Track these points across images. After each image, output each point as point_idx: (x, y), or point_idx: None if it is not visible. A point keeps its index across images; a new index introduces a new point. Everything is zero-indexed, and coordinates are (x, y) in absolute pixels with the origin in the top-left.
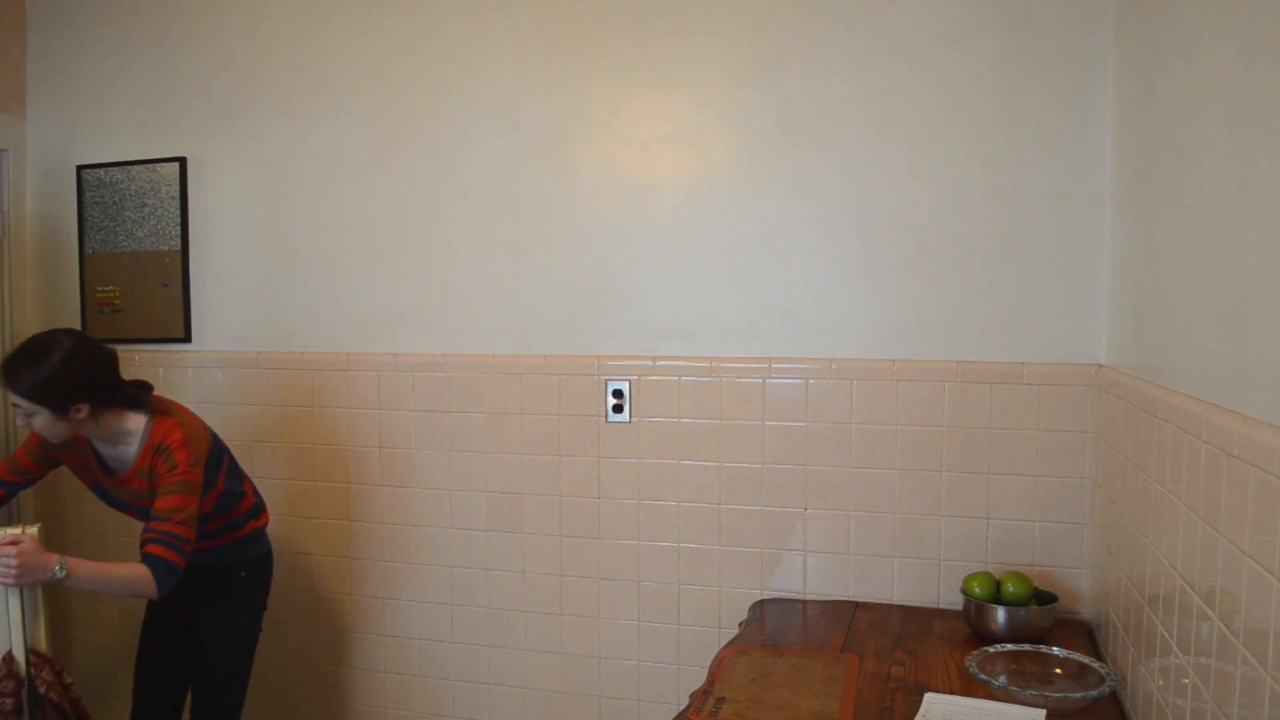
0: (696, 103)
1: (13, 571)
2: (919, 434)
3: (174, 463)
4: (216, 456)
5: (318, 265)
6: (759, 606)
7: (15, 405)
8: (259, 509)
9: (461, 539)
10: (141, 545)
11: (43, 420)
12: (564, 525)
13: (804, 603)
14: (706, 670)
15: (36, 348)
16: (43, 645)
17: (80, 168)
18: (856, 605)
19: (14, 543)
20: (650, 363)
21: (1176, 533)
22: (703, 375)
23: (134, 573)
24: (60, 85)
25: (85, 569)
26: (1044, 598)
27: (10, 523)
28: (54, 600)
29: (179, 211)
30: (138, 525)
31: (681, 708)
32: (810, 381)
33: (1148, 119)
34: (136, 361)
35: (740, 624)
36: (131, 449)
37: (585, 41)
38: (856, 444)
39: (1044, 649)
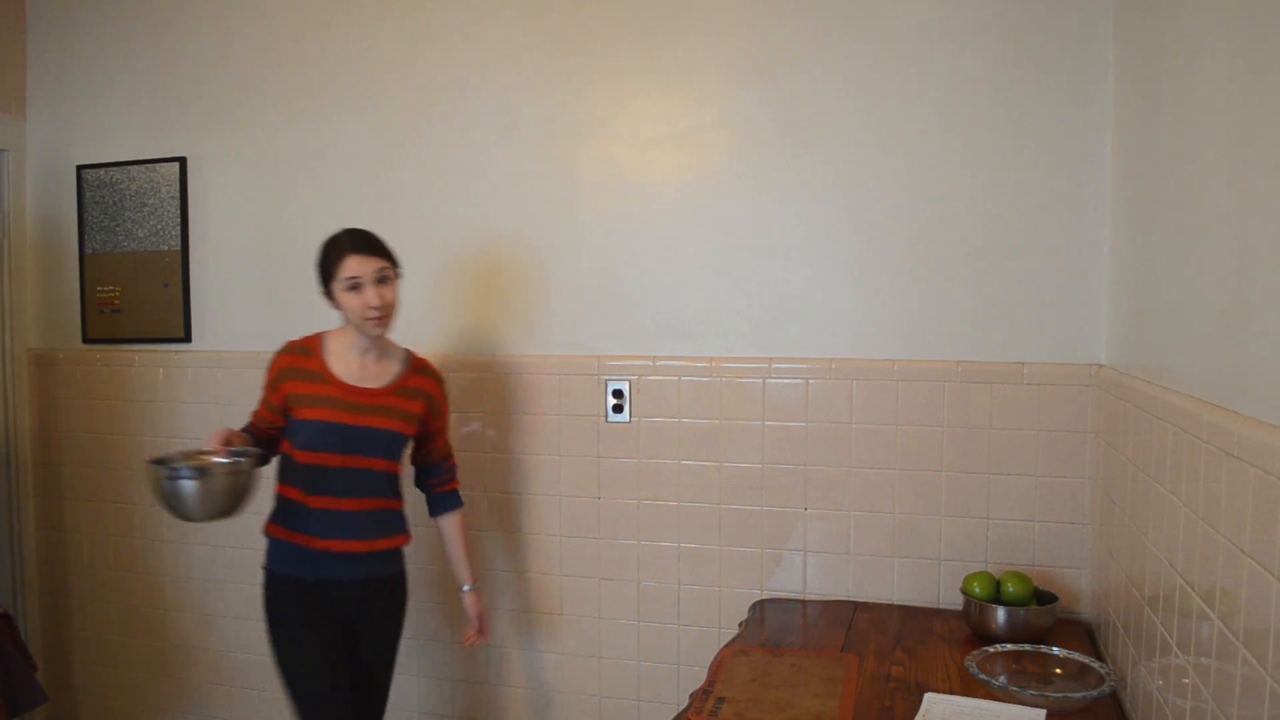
0: (696, 103)
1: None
2: (919, 434)
3: (447, 392)
4: None
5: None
6: (759, 606)
7: (383, 271)
8: None
9: None
10: (443, 484)
11: (396, 288)
12: (564, 525)
13: (804, 603)
14: (706, 670)
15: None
16: None
17: (80, 168)
18: (856, 605)
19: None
20: (650, 363)
21: (1176, 533)
22: (703, 375)
23: (465, 523)
24: (60, 85)
25: (473, 568)
26: (1044, 598)
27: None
28: (53, 600)
29: (179, 211)
30: (138, 523)
31: (681, 708)
32: (810, 381)
33: (1148, 119)
34: (136, 361)
35: (740, 624)
36: (395, 363)
37: (585, 41)
38: (856, 444)
39: (1044, 649)
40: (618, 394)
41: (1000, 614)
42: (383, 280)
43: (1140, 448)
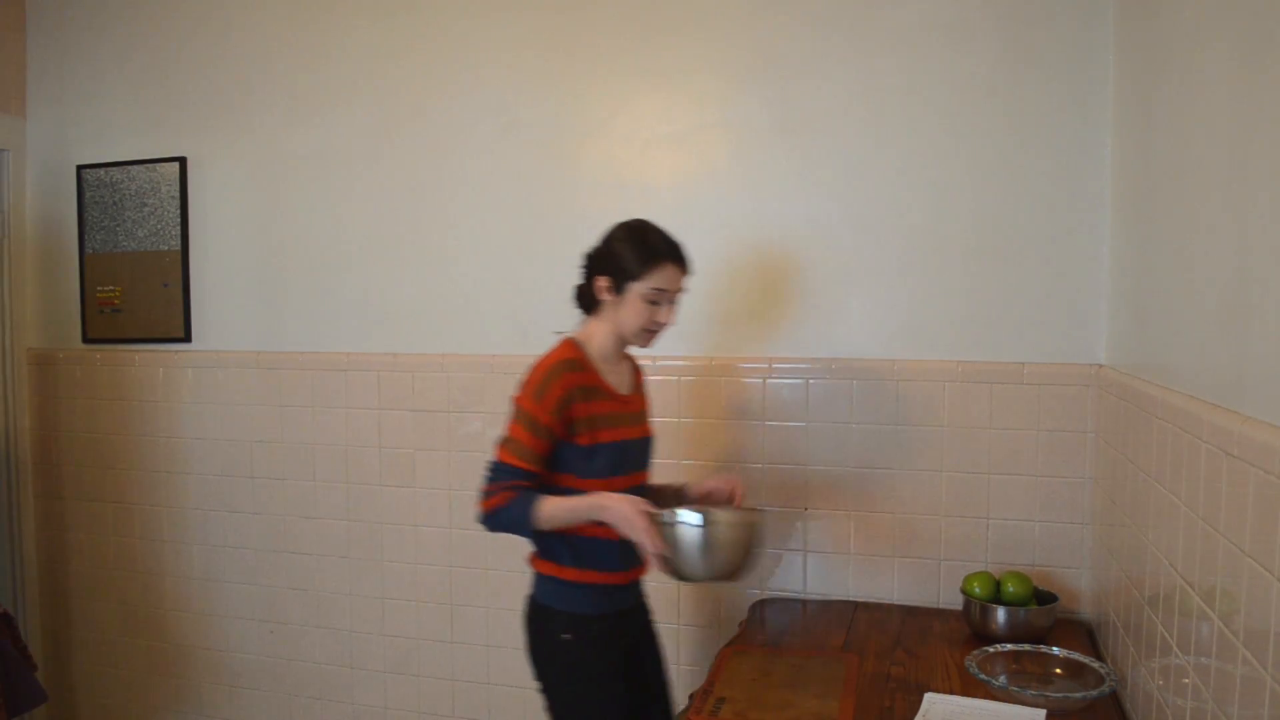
0: (696, 103)
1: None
2: (919, 434)
3: None
4: None
5: (318, 265)
6: (759, 606)
7: (683, 290)
8: None
9: (461, 539)
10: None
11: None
12: None
13: (804, 603)
14: (706, 670)
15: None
16: None
17: (80, 168)
18: (856, 605)
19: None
20: (650, 363)
21: (1176, 533)
22: (703, 375)
23: None
24: (60, 85)
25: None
26: (1044, 598)
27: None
28: (53, 600)
29: (179, 211)
30: (138, 523)
31: (681, 708)
32: (810, 381)
33: (1148, 119)
34: (136, 361)
35: (740, 624)
36: (626, 360)
37: (585, 42)
38: (856, 444)
39: (1044, 649)
40: None
41: (1000, 614)
42: (676, 300)
43: (1140, 448)
